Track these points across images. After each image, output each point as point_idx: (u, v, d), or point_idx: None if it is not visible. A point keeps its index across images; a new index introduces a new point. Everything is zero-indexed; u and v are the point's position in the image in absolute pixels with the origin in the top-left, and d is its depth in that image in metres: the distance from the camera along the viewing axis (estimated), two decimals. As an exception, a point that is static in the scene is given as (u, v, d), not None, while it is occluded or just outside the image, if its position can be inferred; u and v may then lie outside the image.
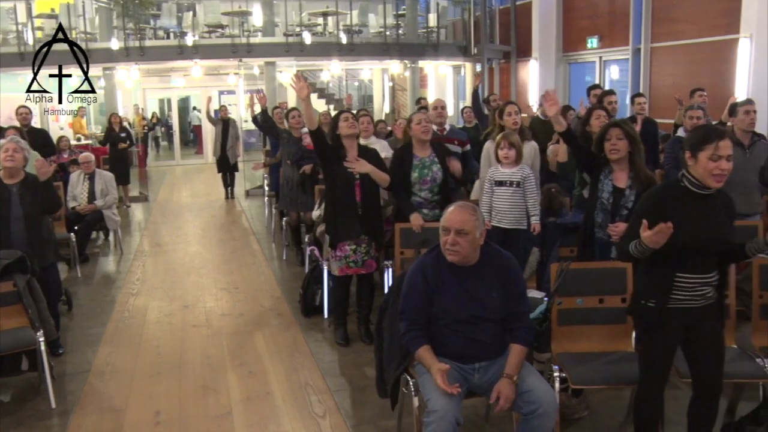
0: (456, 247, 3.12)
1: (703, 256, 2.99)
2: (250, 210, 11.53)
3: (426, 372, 3.15)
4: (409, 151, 5.18)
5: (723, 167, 2.87)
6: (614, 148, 4.12)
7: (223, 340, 5.45)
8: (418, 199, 5.15)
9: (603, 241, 4.18)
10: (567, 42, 13.26)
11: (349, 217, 4.98)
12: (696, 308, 3.05)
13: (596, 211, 4.18)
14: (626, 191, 4.13)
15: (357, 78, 22.07)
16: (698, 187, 2.96)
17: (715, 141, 2.87)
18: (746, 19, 8.79)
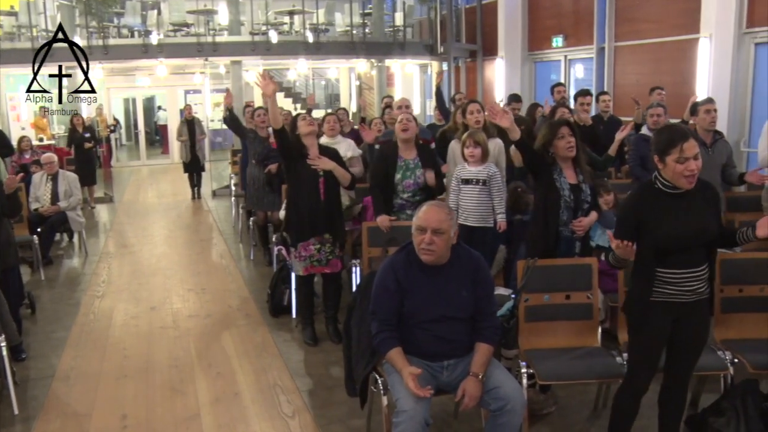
0: (432, 246, 3.12)
1: (687, 251, 3.01)
2: (217, 210, 11.45)
3: (395, 371, 3.16)
4: (395, 152, 5.17)
5: (691, 168, 2.90)
6: (570, 146, 4.20)
7: (190, 341, 5.41)
8: (401, 201, 5.15)
9: (568, 238, 4.25)
10: (532, 41, 13.35)
11: (312, 214, 4.98)
12: (686, 303, 3.07)
13: (561, 210, 4.23)
14: (582, 186, 4.25)
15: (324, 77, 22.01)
16: (671, 188, 3.00)
17: (680, 144, 2.90)
18: (705, 19, 8.94)
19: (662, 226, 2.97)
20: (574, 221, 4.22)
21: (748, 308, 3.94)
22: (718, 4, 8.64)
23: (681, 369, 3.25)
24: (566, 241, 4.26)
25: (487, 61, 14.71)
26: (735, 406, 3.48)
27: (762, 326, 3.92)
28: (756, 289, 3.94)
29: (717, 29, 8.72)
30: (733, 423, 3.45)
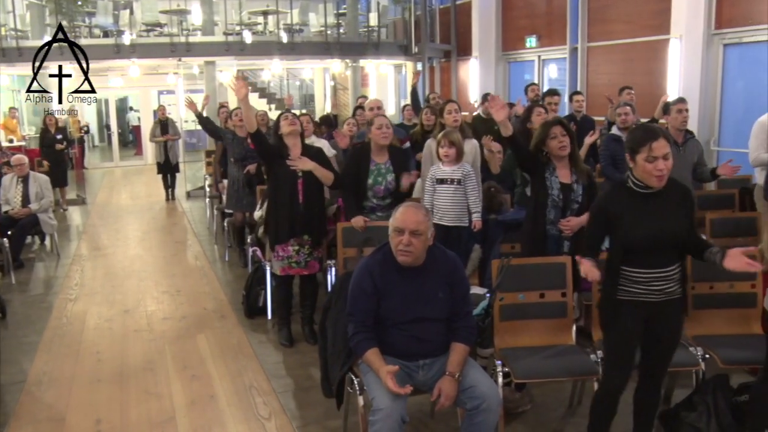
0: (410, 248, 3.12)
1: (657, 252, 3.03)
2: (192, 211, 11.38)
3: (370, 371, 3.17)
4: (367, 155, 5.14)
5: (660, 167, 2.91)
6: (562, 145, 4.22)
7: (165, 344, 5.37)
8: (371, 204, 5.15)
9: (555, 236, 4.29)
10: (506, 41, 13.43)
11: (290, 216, 4.96)
12: (656, 303, 3.09)
13: (548, 209, 4.26)
14: (574, 186, 4.27)
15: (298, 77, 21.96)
16: (642, 187, 3.02)
17: (649, 143, 2.92)
18: (676, 20, 9.06)
19: (632, 226, 2.99)
20: (562, 220, 4.25)
21: (718, 305, 4.00)
22: (688, 5, 8.77)
23: (654, 368, 3.29)
24: (553, 240, 4.29)
25: (461, 62, 14.78)
26: (706, 401, 3.54)
27: (732, 322, 3.99)
28: (726, 286, 4.00)
29: (687, 30, 8.85)
30: (705, 417, 3.51)
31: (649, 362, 3.28)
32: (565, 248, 4.28)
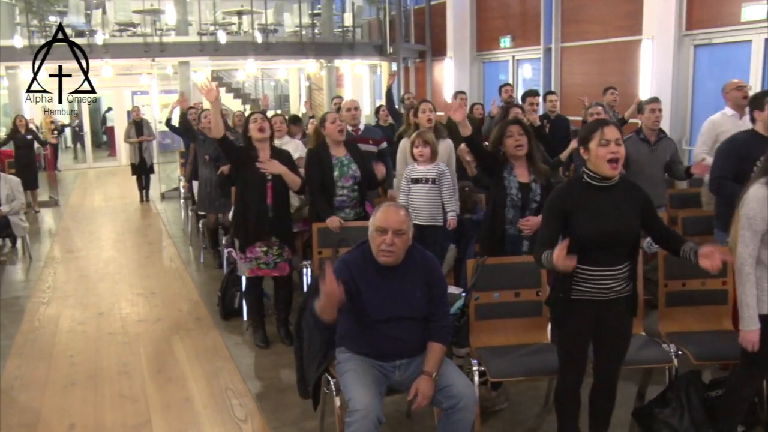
0: (393, 247, 3.12)
1: (607, 250, 3.05)
2: (166, 213, 11.29)
3: (347, 371, 3.17)
4: (326, 151, 5.16)
5: (613, 150, 2.95)
6: (519, 144, 4.24)
7: (140, 346, 5.33)
8: (341, 197, 5.15)
9: (514, 236, 4.30)
10: (481, 41, 13.50)
11: (259, 219, 4.95)
12: (605, 301, 3.12)
13: (506, 208, 4.28)
14: (532, 185, 4.28)
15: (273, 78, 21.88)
16: (597, 179, 3.04)
17: (600, 128, 2.98)
18: (647, 21, 9.17)
19: (586, 221, 3.01)
20: (521, 220, 4.27)
21: (690, 302, 4.05)
22: (659, 7, 8.88)
23: (606, 366, 3.32)
24: (512, 240, 4.30)
25: (436, 62, 14.82)
26: (679, 397, 3.59)
27: (704, 319, 4.04)
28: (698, 283, 4.04)
29: (658, 31, 8.96)
30: (678, 413, 3.55)
31: (600, 361, 3.31)
32: (524, 248, 4.29)
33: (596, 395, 3.41)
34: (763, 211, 3.01)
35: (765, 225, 3.02)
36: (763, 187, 3.05)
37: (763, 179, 3.07)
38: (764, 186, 3.04)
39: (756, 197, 3.04)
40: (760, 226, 3.03)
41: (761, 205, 3.02)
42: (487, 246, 4.36)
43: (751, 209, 3.04)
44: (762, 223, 3.02)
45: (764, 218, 3.02)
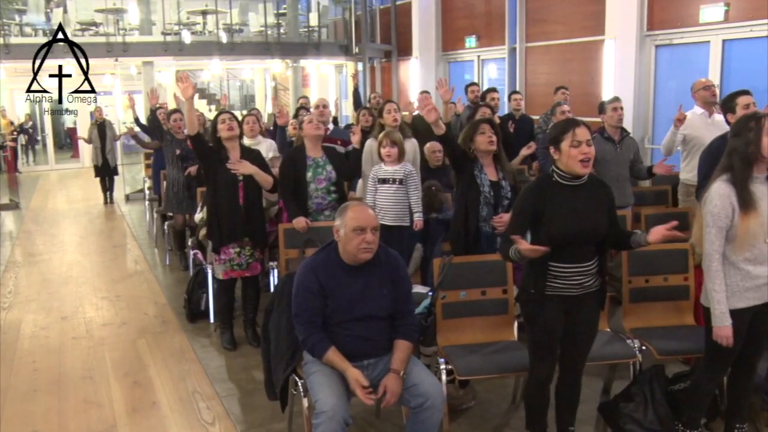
0: (373, 245, 3.15)
1: (577, 247, 3.11)
2: (131, 215, 11.16)
3: (314, 372, 3.17)
4: (302, 152, 5.15)
5: (585, 151, 3.01)
6: (491, 140, 4.29)
7: (105, 351, 5.26)
8: (318, 200, 5.13)
9: (489, 234, 4.33)
10: (446, 41, 13.55)
11: (232, 219, 4.92)
12: (574, 296, 3.17)
13: (480, 206, 4.31)
14: (502, 183, 4.34)
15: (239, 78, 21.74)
16: (567, 178, 3.10)
17: (572, 129, 3.03)
18: (610, 22, 9.28)
19: (557, 219, 3.06)
20: (494, 217, 4.30)
21: (653, 297, 4.13)
22: (621, 7, 9.00)
23: (573, 360, 3.37)
24: (486, 237, 4.33)
25: (401, 62, 14.84)
26: (643, 391, 3.64)
27: (667, 314, 4.12)
28: (660, 279, 4.13)
29: (621, 32, 9.08)
30: (642, 407, 3.61)
31: (567, 355, 3.35)
32: (497, 245, 4.32)
33: (563, 389, 3.46)
34: (726, 207, 3.07)
35: (729, 221, 3.08)
36: (724, 183, 3.11)
37: (724, 176, 3.13)
38: (726, 183, 3.10)
39: (718, 194, 3.10)
40: (724, 222, 3.09)
41: (724, 202, 3.08)
42: (460, 245, 4.38)
43: (714, 206, 3.10)
44: (726, 219, 3.08)
45: (728, 215, 3.08)
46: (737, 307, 3.16)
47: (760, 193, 3.09)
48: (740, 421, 3.51)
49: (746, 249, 3.10)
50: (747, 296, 3.17)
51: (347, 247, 3.17)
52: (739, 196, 3.06)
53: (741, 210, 3.05)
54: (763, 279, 3.17)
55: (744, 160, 3.08)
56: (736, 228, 3.07)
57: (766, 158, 3.07)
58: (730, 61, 8.12)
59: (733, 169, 3.11)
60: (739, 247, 3.10)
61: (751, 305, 3.19)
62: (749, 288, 3.16)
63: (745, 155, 3.08)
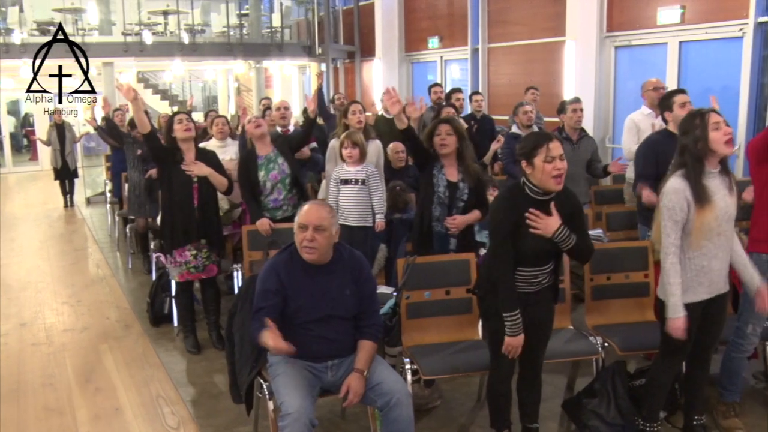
0: (314, 243, 3.12)
1: (541, 256, 3.18)
2: (92, 218, 10.99)
3: (279, 374, 3.16)
4: (253, 153, 5.16)
5: (559, 167, 3.02)
6: (443, 143, 4.28)
7: (66, 357, 5.17)
8: (274, 196, 5.11)
9: (441, 234, 4.33)
10: (409, 42, 13.59)
11: (185, 221, 4.88)
12: (532, 293, 3.24)
13: (434, 205, 4.32)
14: (459, 184, 4.32)
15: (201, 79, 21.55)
16: (538, 193, 3.11)
17: (545, 143, 3.03)
18: (570, 23, 9.40)
19: (529, 237, 3.09)
20: (448, 218, 4.31)
21: (615, 295, 4.19)
22: (581, 9, 9.12)
23: (532, 355, 3.39)
24: (439, 237, 4.33)
25: (365, 62, 14.85)
26: (606, 387, 3.71)
27: (628, 311, 4.18)
28: (622, 277, 4.19)
29: (581, 33, 9.20)
30: (605, 403, 3.67)
31: (526, 350, 3.36)
32: (451, 245, 4.33)
33: (524, 386, 3.50)
34: (681, 202, 3.14)
35: (684, 215, 3.15)
36: (679, 179, 3.18)
37: (680, 172, 3.20)
38: (681, 178, 3.18)
39: (674, 189, 3.17)
40: (680, 216, 3.16)
41: (679, 197, 3.15)
42: (416, 243, 4.40)
43: (669, 201, 3.17)
44: (681, 213, 3.15)
45: (683, 208, 3.15)
46: (690, 301, 3.24)
47: (714, 187, 3.18)
48: (698, 413, 3.60)
49: (701, 243, 3.18)
50: (699, 291, 3.25)
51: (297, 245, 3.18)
52: (693, 191, 3.13)
53: (696, 204, 3.12)
54: (716, 273, 3.26)
55: (695, 157, 3.16)
56: (692, 222, 3.14)
57: (716, 152, 3.15)
58: (687, 62, 8.28)
59: (686, 166, 3.18)
60: (695, 241, 3.17)
61: (703, 299, 3.27)
62: (702, 282, 3.24)
63: (695, 151, 3.16)
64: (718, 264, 3.25)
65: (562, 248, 3.13)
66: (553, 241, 3.08)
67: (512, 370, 3.39)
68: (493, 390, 3.48)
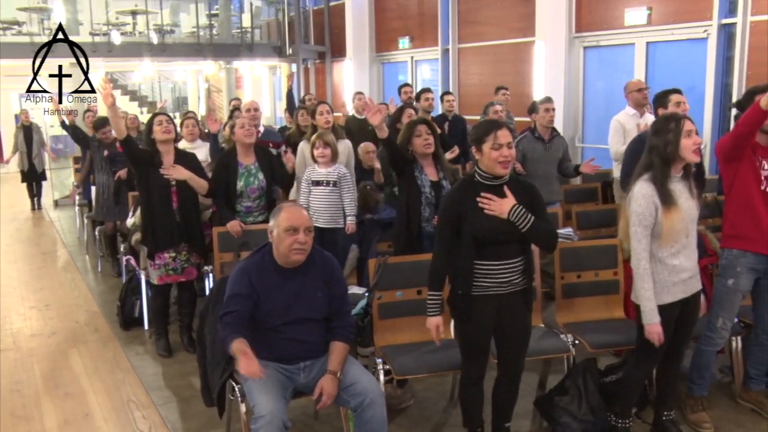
0: (305, 245, 3.14)
1: (501, 244, 3.15)
2: (61, 221, 10.84)
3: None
4: (234, 158, 5.08)
5: (506, 154, 3.07)
6: (427, 143, 4.32)
7: (33, 362, 5.09)
8: (248, 203, 5.08)
9: (431, 233, 4.34)
10: (380, 42, 13.60)
11: (166, 225, 4.83)
12: (504, 295, 3.21)
13: (422, 206, 4.34)
14: (443, 182, 4.37)
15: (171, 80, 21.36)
16: (488, 178, 3.15)
17: (494, 131, 3.08)
18: (540, 24, 9.48)
19: (480, 219, 3.10)
20: (436, 216, 4.33)
21: (585, 293, 4.23)
22: (551, 10, 9.20)
23: (510, 358, 3.40)
24: (429, 237, 4.35)
25: (335, 63, 14.84)
26: (577, 384, 3.74)
27: (598, 308, 4.23)
28: (591, 274, 4.24)
29: (550, 33, 9.28)
30: (576, 400, 3.70)
31: (503, 354, 3.40)
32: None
33: (501, 387, 3.49)
34: (649, 206, 3.19)
35: (653, 219, 3.20)
36: (646, 183, 3.23)
37: (646, 176, 3.25)
38: (647, 182, 3.22)
39: (641, 194, 3.22)
40: (649, 220, 3.20)
41: (647, 201, 3.19)
42: (404, 245, 4.39)
43: (638, 206, 3.21)
44: (650, 218, 3.20)
45: (651, 213, 3.19)
46: (666, 302, 3.28)
47: (678, 191, 3.24)
48: (668, 408, 3.66)
49: (671, 244, 3.23)
50: (674, 290, 3.30)
51: (280, 248, 3.16)
52: (660, 195, 3.18)
53: (663, 207, 3.17)
54: (688, 272, 3.32)
55: (663, 159, 3.21)
56: (661, 225, 3.19)
57: (683, 158, 3.21)
58: (654, 62, 8.40)
59: (653, 167, 3.23)
60: (665, 243, 3.23)
61: (679, 299, 3.32)
62: (676, 282, 3.29)
63: (664, 154, 3.21)
64: (689, 262, 3.32)
65: (520, 228, 3.10)
66: (511, 221, 3.09)
67: (483, 371, 3.40)
68: (465, 391, 3.49)
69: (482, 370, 3.39)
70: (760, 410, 3.96)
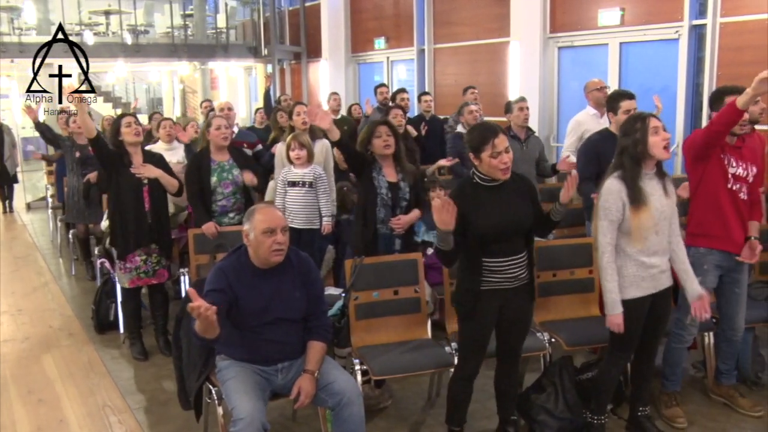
0: (284, 245, 3.14)
1: (507, 240, 3.23)
2: (33, 224, 10.69)
3: (228, 379, 3.13)
4: (207, 156, 5.07)
5: (505, 160, 3.14)
6: (387, 144, 4.32)
7: (6, 368, 5.01)
8: (222, 204, 5.06)
9: (387, 235, 4.36)
10: (355, 43, 13.59)
11: (138, 226, 4.79)
12: (510, 289, 3.28)
13: (377, 208, 4.34)
14: (400, 184, 4.37)
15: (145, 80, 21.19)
16: (488, 181, 3.22)
17: (491, 140, 3.13)
18: (515, 24, 9.53)
19: (482, 217, 3.17)
20: (393, 219, 4.33)
21: (561, 291, 4.28)
22: (525, 10, 9.26)
23: (510, 351, 3.49)
24: (385, 239, 4.35)
25: (311, 63, 14.80)
26: (554, 382, 3.78)
27: (574, 306, 4.28)
28: (567, 273, 4.28)
29: (525, 34, 9.34)
30: (553, 397, 3.74)
31: (504, 347, 3.47)
32: (396, 246, 4.37)
33: (503, 380, 3.56)
34: (617, 202, 3.26)
35: (620, 215, 3.27)
36: (616, 180, 3.30)
37: (617, 173, 3.31)
38: (617, 179, 3.30)
39: (610, 190, 3.29)
40: (615, 215, 3.28)
41: (615, 197, 3.27)
42: (359, 246, 4.38)
43: (606, 201, 3.29)
44: (617, 213, 3.27)
45: (618, 209, 3.27)
46: (635, 296, 3.34)
47: (650, 188, 3.29)
48: (643, 404, 3.71)
49: (640, 241, 3.29)
50: (643, 285, 3.35)
51: (258, 251, 3.14)
52: (629, 192, 3.25)
53: (631, 205, 3.24)
54: (657, 268, 3.37)
55: (633, 159, 3.28)
56: (629, 222, 3.26)
57: (653, 156, 3.27)
58: (627, 62, 8.49)
59: (624, 167, 3.29)
60: (635, 240, 3.29)
61: (648, 294, 3.37)
62: (645, 277, 3.34)
63: (634, 154, 3.27)
64: (658, 260, 3.36)
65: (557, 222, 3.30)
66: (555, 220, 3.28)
67: (477, 370, 3.45)
68: (456, 385, 3.51)
69: (478, 366, 3.44)
70: (731, 404, 4.04)
